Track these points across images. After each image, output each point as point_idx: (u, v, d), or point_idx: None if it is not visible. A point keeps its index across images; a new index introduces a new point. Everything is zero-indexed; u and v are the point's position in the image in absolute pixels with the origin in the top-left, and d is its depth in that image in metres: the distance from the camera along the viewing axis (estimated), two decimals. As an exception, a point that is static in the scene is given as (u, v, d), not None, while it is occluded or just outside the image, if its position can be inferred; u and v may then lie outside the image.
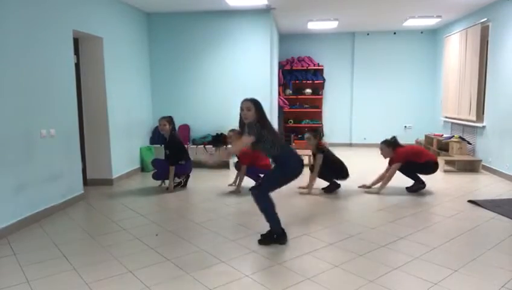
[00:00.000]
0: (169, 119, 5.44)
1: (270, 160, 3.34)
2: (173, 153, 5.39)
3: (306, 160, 6.16)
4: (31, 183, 4.12)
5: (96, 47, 5.56)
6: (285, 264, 3.09)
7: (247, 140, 3.31)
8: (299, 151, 3.79)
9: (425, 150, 5.63)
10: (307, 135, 5.34)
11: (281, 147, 3.45)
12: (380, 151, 5.41)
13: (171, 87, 7.22)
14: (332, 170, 5.31)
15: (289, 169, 3.46)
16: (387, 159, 5.42)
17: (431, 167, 5.28)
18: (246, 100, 3.46)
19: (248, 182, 5.19)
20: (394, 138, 5.35)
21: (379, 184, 5.35)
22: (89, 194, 5.25)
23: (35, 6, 4.20)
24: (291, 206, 4.71)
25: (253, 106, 3.39)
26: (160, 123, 5.41)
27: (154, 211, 4.66)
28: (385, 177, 5.27)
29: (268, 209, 3.43)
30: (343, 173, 5.29)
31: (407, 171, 5.27)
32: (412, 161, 5.19)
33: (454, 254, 3.28)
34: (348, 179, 5.31)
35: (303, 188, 5.35)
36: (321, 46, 9.61)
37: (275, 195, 3.49)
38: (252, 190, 3.50)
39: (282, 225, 3.52)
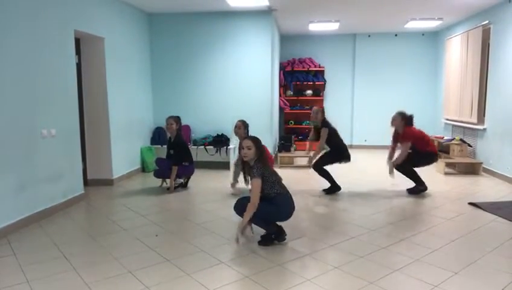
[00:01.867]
0: (177, 119, 5.45)
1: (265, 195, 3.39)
2: (178, 153, 5.39)
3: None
4: (32, 183, 4.13)
5: (98, 47, 5.57)
6: (285, 265, 3.09)
7: (257, 183, 3.31)
8: (300, 153, 3.78)
9: (430, 139, 5.61)
10: (315, 108, 5.33)
11: (280, 187, 3.44)
12: (391, 120, 5.36)
13: (172, 88, 7.23)
14: (336, 149, 5.29)
15: (283, 211, 3.45)
16: (390, 140, 5.49)
17: (432, 157, 5.31)
18: (246, 139, 3.48)
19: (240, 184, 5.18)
20: (411, 115, 5.34)
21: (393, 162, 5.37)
22: (89, 195, 5.25)
23: (37, 7, 4.21)
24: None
25: (253, 145, 3.40)
26: (168, 122, 5.41)
27: (154, 211, 4.65)
28: (399, 155, 5.24)
29: (258, 219, 3.44)
30: (346, 153, 5.30)
31: (408, 162, 5.26)
32: (417, 146, 5.18)
33: (454, 256, 3.27)
34: (348, 181, 5.31)
35: (307, 151, 5.37)
36: (322, 48, 9.61)
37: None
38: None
39: (282, 225, 3.52)
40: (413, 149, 5.24)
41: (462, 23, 7.75)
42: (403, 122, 5.26)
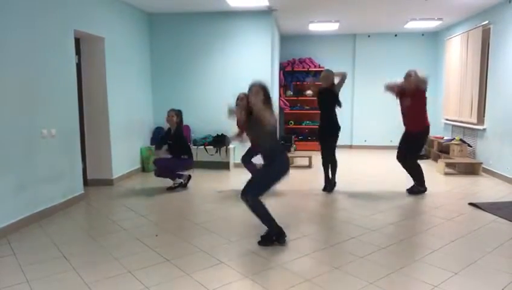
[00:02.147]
0: (178, 113, 5.48)
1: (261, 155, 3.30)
2: (176, 146, 5.41)
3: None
4: (32, 183, 4.12)
5: (98, 47, 5.56)
6: (285, 265, 3.09)
7: (272, 116, 3.14)
8: (301, 153, 3.78)
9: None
10: (324, 73, 5.34)
11: (278, 140, 3.42)
12: (405, 75, 5.34)
13: (172, 88, 7.22)
14: (332, 116, 5.30)
15: (279, 167, 3.39)
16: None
17: (426, 134, 5.49)
18: (255, 84, 3.33)
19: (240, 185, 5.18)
20: None
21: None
22: (89, 194, 5.25)
23: (37, 7, 4.20)
24: (292, 207, 4.70)
25: (261, 91, 3.26)
26: (169, 114, 5.44)
27: (154, 211, 4.66)
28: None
29: (263, 214, 3.42)
30: (338, 125, 5.36)
31: (409, 155, 5.32)
32: (417, 108, 5.35)
33: (454, 256, 3.27)
34: (348, 181, 5.31)
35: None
36: (322, 48, 9.61)
37: (276, 196, 3.48)
38: (244, 198, 3.38)
39: (282, 226, 3.52)
40: (407, 141, 5.36)
41: (462, 24, 7.75)
42: (416, 79, 5.25)
